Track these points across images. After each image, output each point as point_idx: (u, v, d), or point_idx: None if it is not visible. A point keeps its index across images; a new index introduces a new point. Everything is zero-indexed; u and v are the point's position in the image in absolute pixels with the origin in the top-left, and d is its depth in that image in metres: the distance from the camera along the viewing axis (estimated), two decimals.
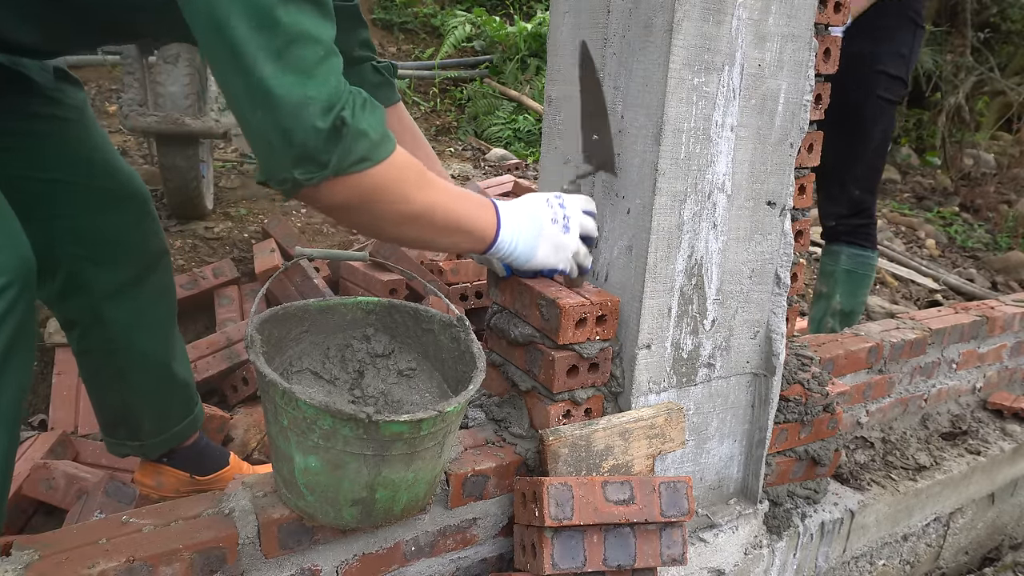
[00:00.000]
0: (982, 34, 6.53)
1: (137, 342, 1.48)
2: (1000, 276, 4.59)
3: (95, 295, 1.42)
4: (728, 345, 1.45)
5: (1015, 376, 2.47)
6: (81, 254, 1.39)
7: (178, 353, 1.59)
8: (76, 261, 1.40)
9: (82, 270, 1.40)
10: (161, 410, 1.57)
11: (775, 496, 1.64)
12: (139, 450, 1.59)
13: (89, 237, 1.39)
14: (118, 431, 1.58)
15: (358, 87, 1.04)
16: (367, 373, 1.30)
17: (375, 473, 1.02)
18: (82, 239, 1.39)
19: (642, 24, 1.23)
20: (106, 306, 1.44)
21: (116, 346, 1.47)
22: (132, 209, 1.46)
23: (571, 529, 1.18)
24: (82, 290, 1.42)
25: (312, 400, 0.95)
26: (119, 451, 1.60)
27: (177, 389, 1.59)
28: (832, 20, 1.41)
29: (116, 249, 1.43)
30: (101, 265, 1.41)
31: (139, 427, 1.56)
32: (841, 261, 2.43)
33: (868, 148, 2.34)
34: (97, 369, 1.52)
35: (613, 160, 1.31)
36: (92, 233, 1.39)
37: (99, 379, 1.53)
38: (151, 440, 1.58)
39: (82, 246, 1.39)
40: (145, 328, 1.49)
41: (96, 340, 1.47)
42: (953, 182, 6.39)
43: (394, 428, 0.98)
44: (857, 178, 2.36)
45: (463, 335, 1.22)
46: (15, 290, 1.03)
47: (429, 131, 5.36)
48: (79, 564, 0.97)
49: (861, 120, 2.30)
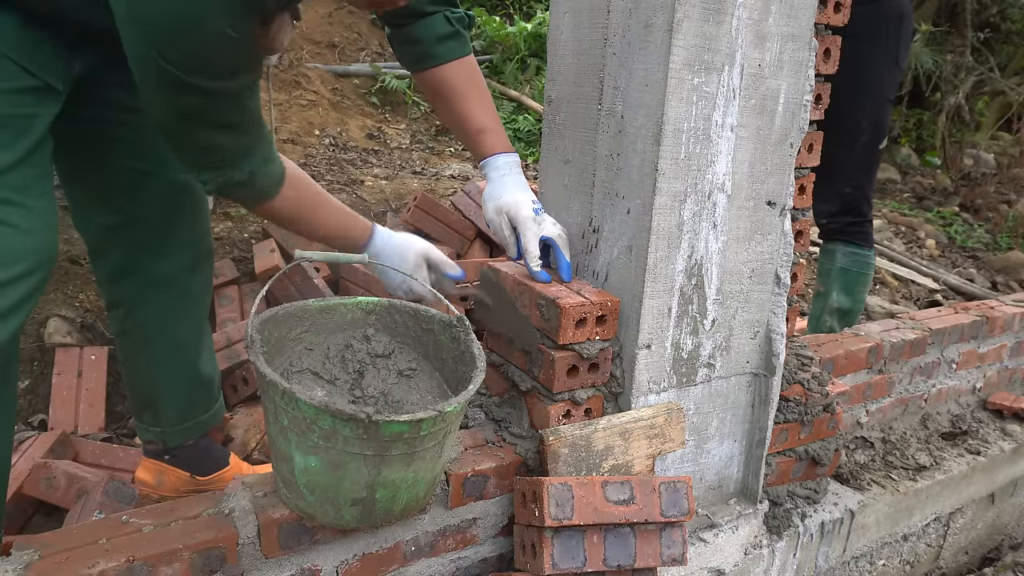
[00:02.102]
0: (982, 34, 6.52)
1: (174, 331, 1.55)
2: (1000, 276, 4.59)
3: (144, 280, 1.49)
4: (728, 345, 1.45)
5: (1015, 376, 2.47)
6: (140, 240, 1.46)
7: (207, 348, 1.65)
8: (133, 246, 1.46)
9: (137, 255, 1.47)
10: (185, 400, 1.63)
11: (775, 496, 1.64)
12: (160, 436, 1.64)
13: (151, 225, 1.46)
14: (144, 415, 1.63)
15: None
16: (367, 373, 1.30)
17: (375, 473, 1.02)
18: (144, 226, 1.45)
19: (642, 24, 1.23)
20: (152, 293, 1.50)
21: (154, 332, 1.53)
22: (194, 205, 1.52)
23: (571, 529, 1.18)
24: (133, 274, 1.48)
25: (312, 400, 0.95)
26: (144, 435, 1.66)
27: (203, 382, 1.65)
28: (832, 20, 1.41)
29: (173, 241, 1.49)
30: (156, 253, 1.48)
31: (162, 414, 1.61)
32: (836, 259, 2.42)
33: (855, 146, 2.32)
34: (133, 351, 1.58)
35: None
36: (155, 222, 1.46)
37: (133, 362, 1.59)
38: (172, 428, 1.63)
39: (143, 232, 1.45)
40: (183, 319, 1.55)
41: (136, 323, 1.53)
42: (953, 182, 6.39)
43: (394, 428, 0.98)
44: (847, 176, 2.34)
45: (463, 335, 1.22)
46: (39, 276, 1.12)
47: (429, 131, 5.35)
48: (79, 564, 0.97)
49: (844, 117, 2.28)
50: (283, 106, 4.75)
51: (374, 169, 4.21)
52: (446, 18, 1.47)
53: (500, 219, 1.42)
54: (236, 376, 2.21)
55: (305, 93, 5.03)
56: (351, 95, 5.37)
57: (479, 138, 1.47)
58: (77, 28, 1.24)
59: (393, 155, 4.66)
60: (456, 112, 1.48)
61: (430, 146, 5.04)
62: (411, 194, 3.45)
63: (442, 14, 1.47)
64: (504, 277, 1.43)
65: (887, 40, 2.28)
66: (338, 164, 4.19)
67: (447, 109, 1.50)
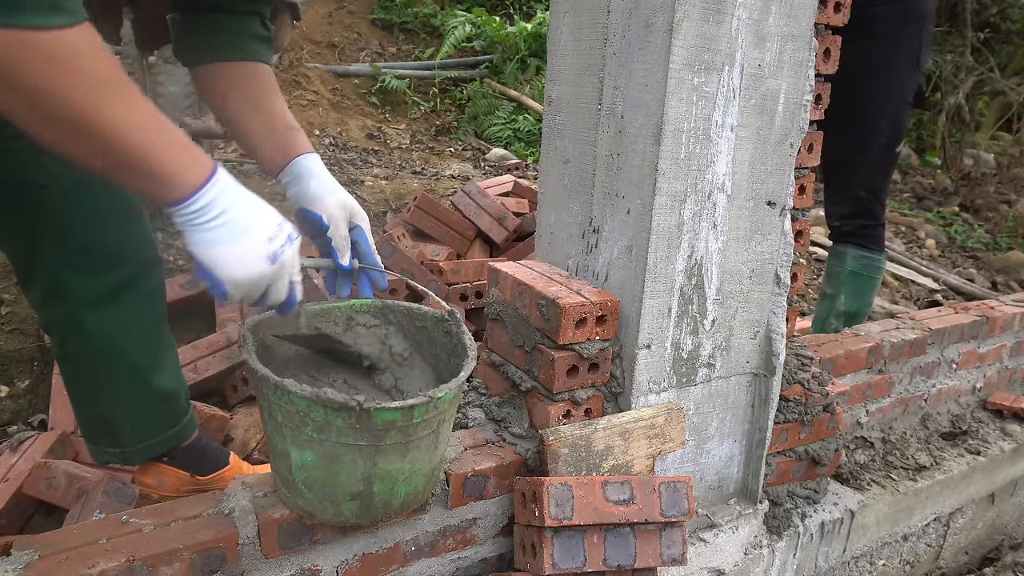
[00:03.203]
0: (982, 34, 6.52)
1: (119, 350, 1.41)
2: (1000, 276, 4.59)
3: (76, 304, 1.36)
4: (728, 345, 1.45)
5: (1015, 376, 2.47)
6: (65, 262, 1.33)
7: (165, 361, 1.51)
8: (58, 268, 1.33)
9: (64, 278, 1.34)
10: (143, 420, 1.51)
11: (775, 496, 1.64)
12: (119, 457, 1.53)
13: (76, 246, 1.33)
14: (99, 439, 1.52)
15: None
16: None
17: (371, 464, 1.02)
18: (68, 247, 1.32)
19: (642, 24, 1.23)
20: (87, 315, 1.37)
21: (96, 354, 1.41)
22: (126, 219, 1.39)
23: (571, 529, 1.18)
24: (62, 298, 1.35)
25: (303, 391, 0.95)
26: (100, 458, 1.54)
27: (161, 399, 1.51)
28: (832, 20, 1.41)
29: (103, 259, 1.36)
30: (85, 274, 1.35)
31: (118, 435, 1.50)
32: (847, 262, 2.40)
33: (872, 149, 2.31)
34: (76, 376, 1.46)
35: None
36: (79, 242, 1.33)
37: (79, 386, 1.48)
38: (131, 448, 1.52)
39: (67, 254, 1.33)
40: (128, 336, 1.42)
41: (76, 348, 1.41)
42: (953, 182, 6.39)
43: (386, 416, 0.98)
44: (863, 179, 2.33)
45: (455, 328, 1.23)
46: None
47: (429, 131, 5.36)
48: (79, 564, 0.97)
49: (863, 120, 2.28)
50: None
51: (374, 169, 4.22)
52: (263, 23, 1.39)
53: (343, 215, 1.27)
54: (236, 376, 2.21)
55: (305, 93, 5.03)
56: (351, 95, 5.37)
57: (290, 135, 1.34)
58: None
59: (393, 155, 4.66)
60: (266, 109, 1.35)
61: (430, 146, 5.04)
62: (411, 194, 3.45)
63: (259, 18, 1.38)
64: (505, 277, 1.43)
65: (909, 41, 2.25)
66: (338, 164, 4.19)
67: (252, 106, 1.34)
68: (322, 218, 1.21)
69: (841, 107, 2.21)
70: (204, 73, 1.35)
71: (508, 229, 3.00)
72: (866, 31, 2.18)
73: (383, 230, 3.20)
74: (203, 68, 1.35)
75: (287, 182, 1.31)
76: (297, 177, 1.29)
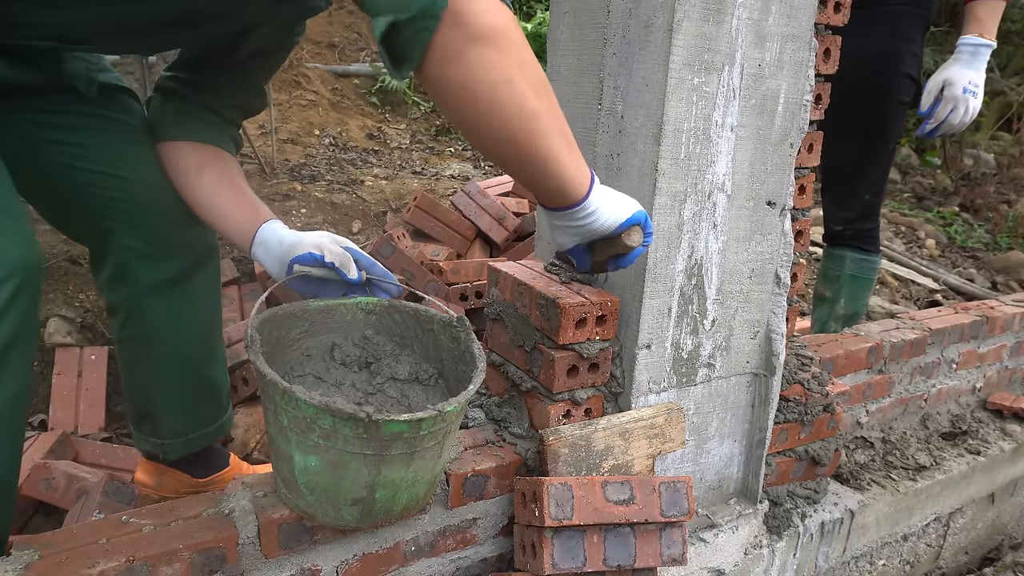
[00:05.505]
0: None
1: (174, 338, 1.50)
2: (1000, 276, 4.59)
3: (139, 288, 1.44)
4: (728, 345, 1.45)
5: (1015, 376, 2.47)
6: (131, 246, 1.41)
7: (216, 357, 1.60)
8: (124, 252, 1.42)
9: (129, 262, 1.42)
10: (185, 412, 1.58)
11: (775, 496, 1.64)
12: (159, 448, 1.60)
13: (141, 231, 1.41)
14: (143, 425, 1.59)
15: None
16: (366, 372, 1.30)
17: (375, 473, 1.02)
18: (134, 232, 1.41)
19: (642, 24, 1.23)
20: (147, 300, 1.45)
21: (152, 339, 1.49)
22: (180, 205, 1.47)
23: (571, 529, 1.18)
24: (127, 282, 1.44)
25: (312, 399, 0.95)
26: (141, 446, 1.62)
27: (207, 393, 1.60)
28: (832, 20, 1.41)
29: (166, 245, 1.44)
30: (149, 260, 1.43)
31: (160, 425, 1.58)
32: (846, 266, 2.38)
33: (885, 152, 2.30)
34: (132, 359, 1.54)
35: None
36: (144, 227, 1.41)
37: (132, 369, 1.55)
38: (171, 441, 1.59)
39: (133, 239, 1.41)
40: (184, 325, 1.51)
41: (134, 330, 1.49)
42: (953, 182, 6.39)
43: (394, 427, 0.98)
44: (871, 183, 2.32)
45: (463, 335, 1.22)
46: (16, 282, 1.02)
47: (429, 131, 5.35)
48: (79, 564, 0.97)
49: (884, 123, 2.25)
50: (283, 106, 4.76)
51: (374, 169, 4.22)
52: (238, 131, 1.54)
53: (327, 241, 1.35)
54: (236, 376, 2.21)
55: (305, 93, 5.03)
56: (351, 95, 5.37)
57: (258, 205, 1.45)
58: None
59: (393, 155, 4.66)
60: (237, 184, 1.46)
61: (430, 146, 5.04)
62: (411, 194, 3.45)
63: (237, 128, 1.53)
64: (505, 277, 1.43)
65: (917, 42, 2.24)
66: (338, 164, 4.19)
67: (226, 180, 1.45)
68: (311, 252, 1.30)
69: (855, 115, 2.20)
70: (181, 147, 1.44)
71: (508, 229, 3.00)
72: (879, 29, 2.16)
73: (383, 230, 3.20)
74: (181, 144, 1.44)
75: (261, 242, 1.39)
76: (271, 235, 1.38)
